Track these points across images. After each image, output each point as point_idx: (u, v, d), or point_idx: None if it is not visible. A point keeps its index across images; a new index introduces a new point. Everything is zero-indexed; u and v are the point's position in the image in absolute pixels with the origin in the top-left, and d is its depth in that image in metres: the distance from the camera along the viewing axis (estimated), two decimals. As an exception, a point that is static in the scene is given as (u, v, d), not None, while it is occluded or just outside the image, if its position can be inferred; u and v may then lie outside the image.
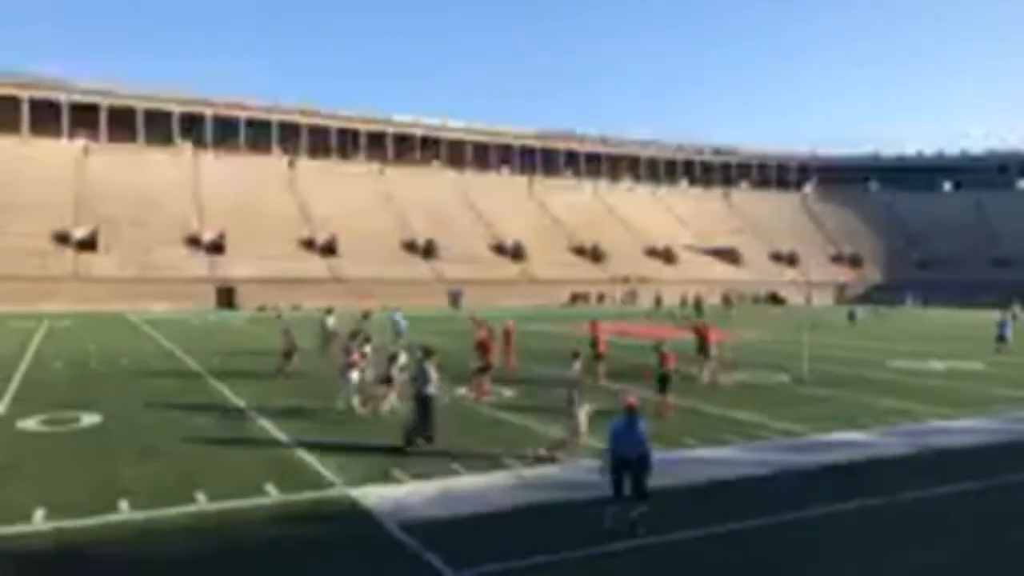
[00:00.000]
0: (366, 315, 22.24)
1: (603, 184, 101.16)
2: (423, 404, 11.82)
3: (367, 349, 16.22)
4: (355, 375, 14.91)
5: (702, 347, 19.43)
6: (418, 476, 9.97)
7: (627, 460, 7.95)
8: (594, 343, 19.15)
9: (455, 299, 61.80)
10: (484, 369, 16.88)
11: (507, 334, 21.56)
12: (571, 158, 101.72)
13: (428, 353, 12.34)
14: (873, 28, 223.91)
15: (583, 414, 11.22)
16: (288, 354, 20.03)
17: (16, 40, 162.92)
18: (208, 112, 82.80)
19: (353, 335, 16.51)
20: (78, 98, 76.74)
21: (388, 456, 11.01)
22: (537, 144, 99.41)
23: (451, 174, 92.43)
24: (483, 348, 16.95)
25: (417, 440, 11.60)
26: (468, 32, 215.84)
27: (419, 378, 12.05)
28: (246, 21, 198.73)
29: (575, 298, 68.82)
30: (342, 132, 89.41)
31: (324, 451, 11.32)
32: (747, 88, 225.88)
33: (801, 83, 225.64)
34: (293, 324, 21.02)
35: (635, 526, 7.88)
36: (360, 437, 12.43)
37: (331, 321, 23.98)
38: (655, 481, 9.92)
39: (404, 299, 60.60)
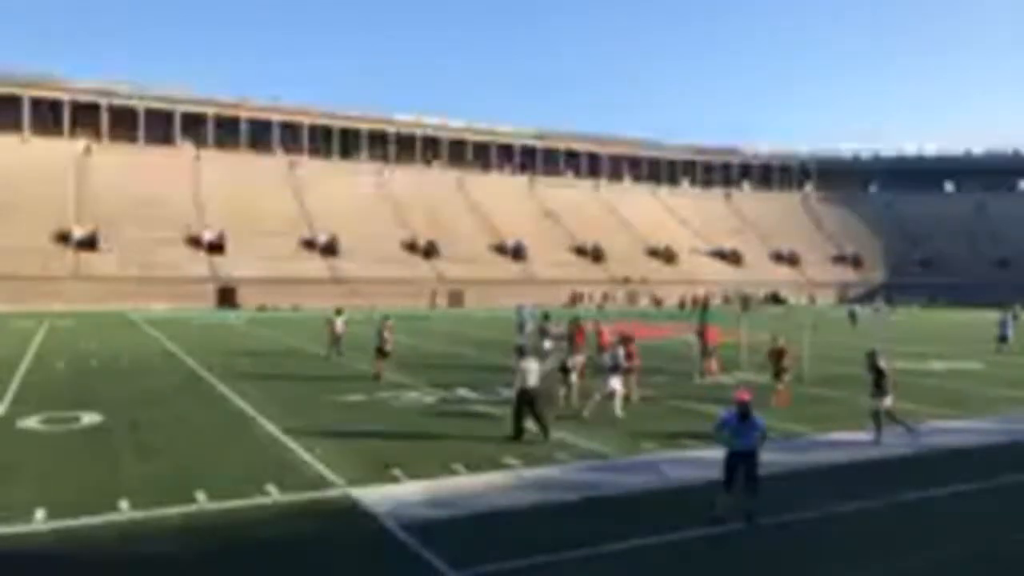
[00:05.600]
0: (547, 315, 22.37)
1: (603, 184, 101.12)
2: (524, 398, 12.22)
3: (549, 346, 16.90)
4: (615, 382, 13.96)
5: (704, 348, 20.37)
6: (418, 476, 9.98)
7: (739, 453, 8.31)
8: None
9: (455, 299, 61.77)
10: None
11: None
12: (571, 158, 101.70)
13: (522, 350, 12.83)
14: (874, 27, 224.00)
15: (889, 400, 12.68)
16: (382, 352, 19.28)
17: (17, 40, 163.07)
18: (209, 112, 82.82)
19: (552, 337, 17.45)
20: (79, 98, 76.75)
21: (388, 456, 11.02)
22: (537, 144, 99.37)
23: (451, 174, 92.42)
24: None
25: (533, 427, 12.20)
26: (469, 31, 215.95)
27: (520, 373, 12.44)
28: (247, 21, 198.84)
29: (575, 299, 68.29)
30: (343, 132, 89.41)
31: (324, 450, 11.32)
32: (747, 88, 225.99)
33: (801, 83, 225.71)
34: (392, 325, 20.37)
35: (751, 516, 8.23)
36: (362, 437, 12.44)
37: (339, 322, 23.95)
38: (652, 480, 9.97)
39: (405, 299, 60.76)
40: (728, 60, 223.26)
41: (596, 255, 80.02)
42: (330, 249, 68.74)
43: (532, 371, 12.30)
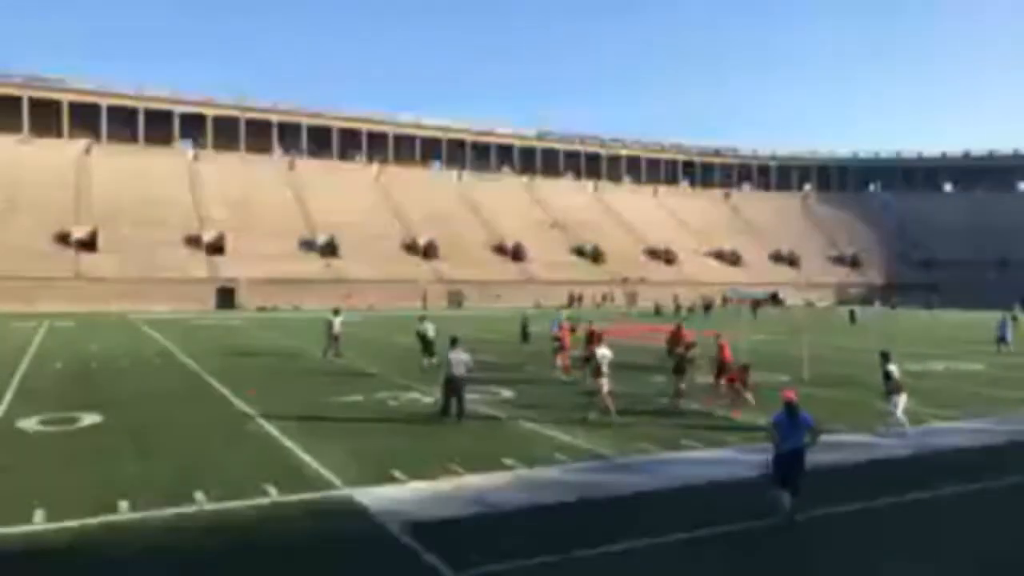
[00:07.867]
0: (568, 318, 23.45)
1: (603, 184, 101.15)
2: (451, 384, 13.54)
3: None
4: (903, 399, 13.10)
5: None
6: (418, 476, 9.97)
7: (790, 452, 8.36)
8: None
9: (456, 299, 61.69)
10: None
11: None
12: (571, 158, 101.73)
13: (455, 341, 14.02)
14: (874, 29, 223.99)
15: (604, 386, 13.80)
16: (429, 350, 21.05)
17: (17, 40, 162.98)
18: (209, 112, 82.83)
19: None
20: (79, 98, 76.78)
21: (388, 456, 11.01)
22: (537, 144, 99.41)
23: (451, 174, 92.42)
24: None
25: (445, 418, 13.52)
26: (469, 32, 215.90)
27: (447, 363, 13.70)
28: (246, 21, 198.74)
29: (572, 300, 68.06)
30: (343, 132, 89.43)
31: (324, 451, 11.31)
32: (748, 88, 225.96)
33: (801, 83, 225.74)
34: (434, 328, 21.94)
35: (792, 516, 8.28)
36: (361, 437, 12.43)
37: (337, 323, 23.98)
38: (652, 480, 9.97)
39: (404, 299, 60.76)
40: (728, 61, 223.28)
41: (595, 256, 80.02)
42: (330, 249, 68.75)
43: (459, 361, 13.60)
